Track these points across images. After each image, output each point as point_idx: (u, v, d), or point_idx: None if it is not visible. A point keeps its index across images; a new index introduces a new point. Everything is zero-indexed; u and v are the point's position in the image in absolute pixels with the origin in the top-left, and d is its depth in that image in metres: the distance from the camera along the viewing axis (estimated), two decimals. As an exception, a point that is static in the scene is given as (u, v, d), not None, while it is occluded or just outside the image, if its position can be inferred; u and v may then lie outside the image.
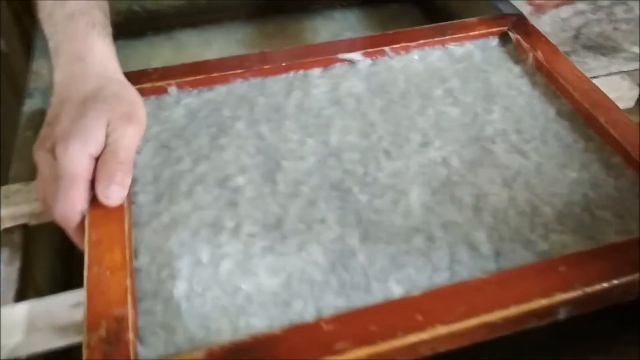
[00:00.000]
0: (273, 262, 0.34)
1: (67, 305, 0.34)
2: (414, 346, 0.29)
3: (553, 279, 0.32)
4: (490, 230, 0.36)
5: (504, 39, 0.50)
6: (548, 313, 0.31)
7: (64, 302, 0.34)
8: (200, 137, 0.42)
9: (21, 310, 0.34)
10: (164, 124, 0.43)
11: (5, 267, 0.39)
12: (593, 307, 0.32)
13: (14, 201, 0.41)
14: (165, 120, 0.44)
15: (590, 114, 0.42)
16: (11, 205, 0.41)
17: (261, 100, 0.45)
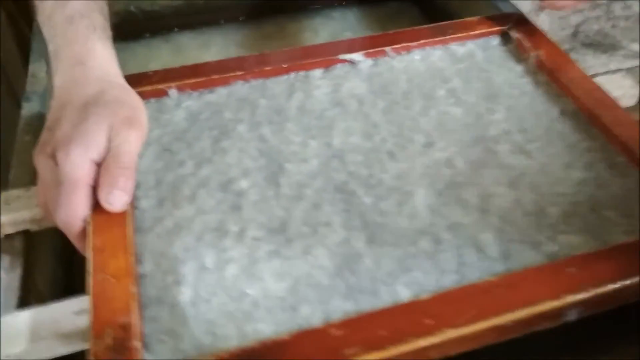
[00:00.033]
0: (279, 267, 0.34)
1: (71, 312, 0.34)
2: (423, 350, 0.29)
3: (562, 280, 0.31)
4: (497, 232, 0.35)
5: (505, 38, 0.50)
6: (558, 315, 0.31)
7: (67, 309, 0.34)
8: (202, 140, 0.42)
9: (24, 318, 0.33)
10: (165, 127, 0.43)
11: (6, 274, 0.38)
12: (603, 309, 0.32)
13: (14, 207, 0.40)
14: (166, 124, 0.43)
15: (594, 113, 0.42)
16: (12, 211, 0.40)
17: (262, 102, 0.45)
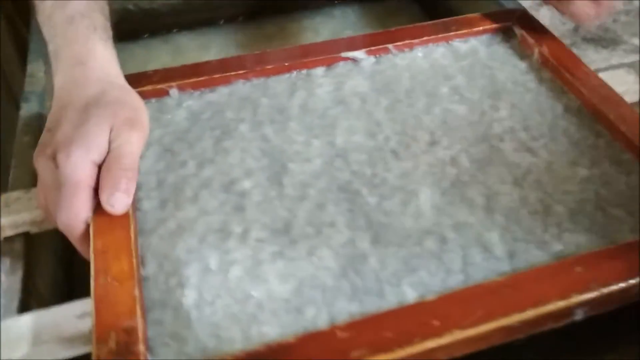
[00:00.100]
0: (283, 268, 0.34)
1: (73, 315, 0.33)
2: (430, 352, 0.29)
3: (569, 280, 0.31)
4: (503, 231, 0.35)
5: (509, 35, 0.50)
6: (565, 315, 0.31)
7: (69, 313, 0.34)
8: (204, 140, 0.41)
9: (26, 322, 0.33)
10: (166, 127, 0.43)
11: (7, 277, 0.38)
12: (610, 308, 0.32)
13: (14, 209, 0.40)
14: (167, 124, 0.43)
15: (599, 109, 0.41)
16: (12, 213, 0.40)
17: (264, 101, 0.45)
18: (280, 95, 0.45)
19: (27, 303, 0.37)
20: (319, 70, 0.47)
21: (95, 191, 0.35)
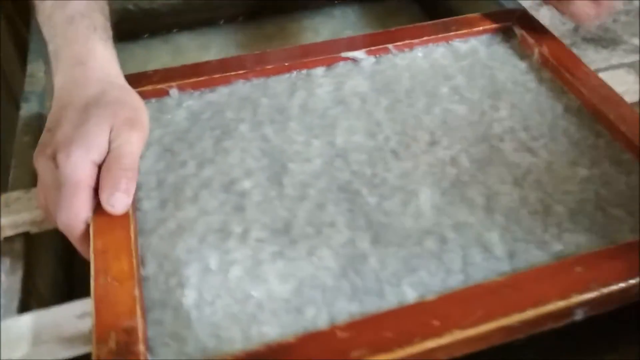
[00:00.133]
0: (283, 268, 0.34)
1: (73, 315, 0.33)
2: (431, 352, 0.29)
3: (569, 280, 0.31)
4: (503, 231, 0.35)
5: (509, 35, 0.50)
6: (565, 315, 0.31)
7: (69, 313, 0.33)
8: (204, 140, 0.41)
9: (26, 322, 0.33)
10: (166, 127, 0.43)
11: (7, 277, 0.38)
12: (610, 308, 0.32)
13: (14, 209, 0.40)
14: (167, 124, 0.43)
15: (599, 109, 0.41)
16: (12, 213, 0.40)
17: (264, 101, 0.45)
18: (280, 95, 0.45)
19: (27, 303, 0.37)
20: (319, 70, 0.47)
21: (95, 191, 0.35)
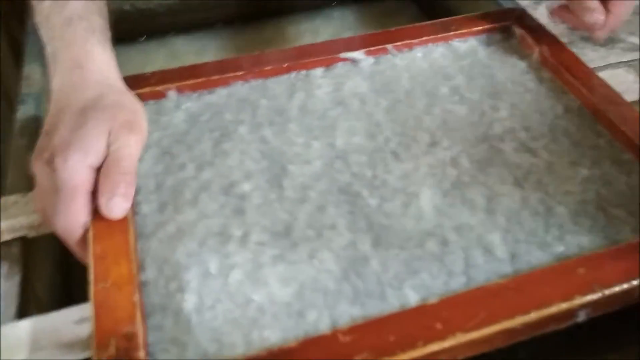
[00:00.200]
0: (284, 271, 0.33)
1: (71, 321, 0.33)
2: (433, 355, 0.29)
3: (572, 281, 0.31)
4: (504, 232, 0.35)
5: (508, 34, 0.49)
6: (568, 316, 0.31)
7: (68, 318, 0.33)
8: (203, 143, 0.41)
9: (24, 328, 0.33)
10: (164, 130, 0.42)
11: (5, 282, 0.38)
12: (613, 309, 0.32)
13: (11, 213, 0.40)
14: (165, 126, 0.43)
15: (599, 109, 0.41)
16: (9, 217, 0.39)
17: (263, 102, 0.44)
18: (279, 97, 0.45)
19: (26, 307, 0.37)
20: (318, 71, 0.47)
21: (94, 195, 0.35)
